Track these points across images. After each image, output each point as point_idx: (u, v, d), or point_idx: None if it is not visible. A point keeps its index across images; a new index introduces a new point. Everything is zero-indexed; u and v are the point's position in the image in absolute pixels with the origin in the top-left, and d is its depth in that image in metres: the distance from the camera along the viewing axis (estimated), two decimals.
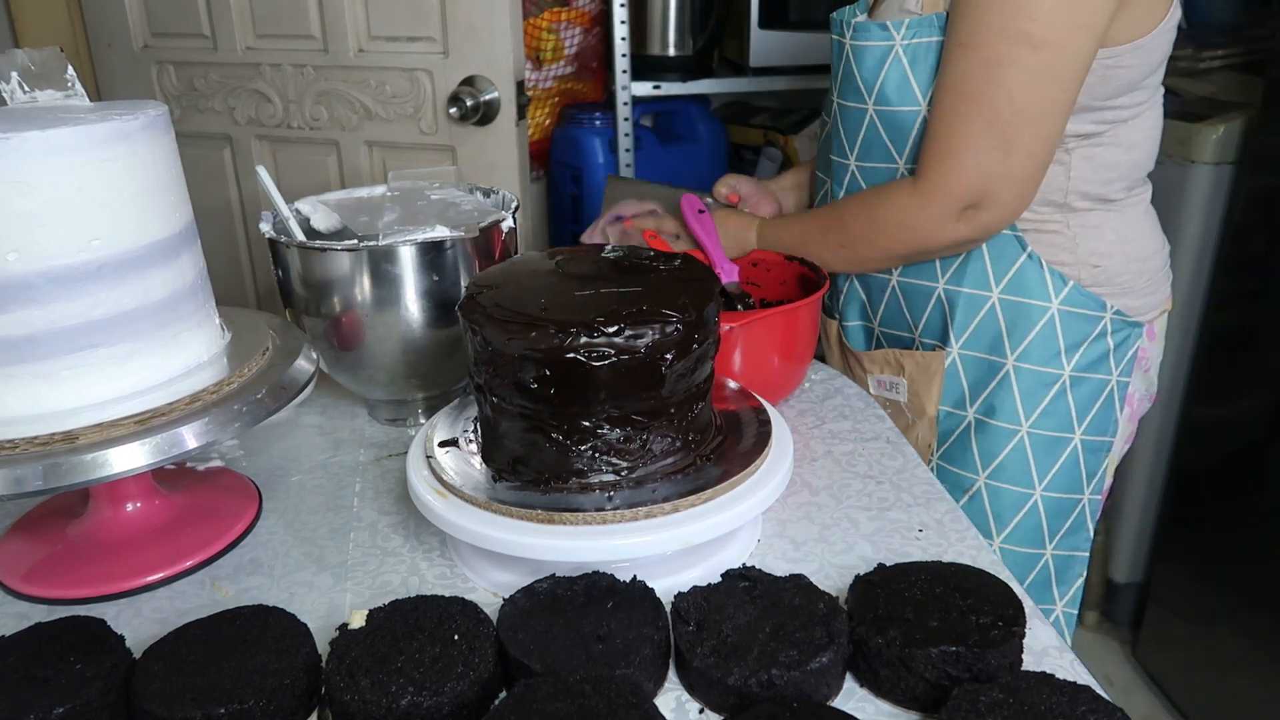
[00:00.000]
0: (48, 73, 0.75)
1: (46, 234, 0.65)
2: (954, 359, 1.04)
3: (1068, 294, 0.99)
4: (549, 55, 1.81)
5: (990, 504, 1.05)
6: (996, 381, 1.02)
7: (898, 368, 1.09)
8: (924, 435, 1.07)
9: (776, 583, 0.65)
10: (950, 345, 1.03)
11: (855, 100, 1.01)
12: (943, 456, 1.07)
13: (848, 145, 1.04)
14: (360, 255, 0.86)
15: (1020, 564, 1.06)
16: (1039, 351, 1.00)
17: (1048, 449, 1.02)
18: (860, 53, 0.98)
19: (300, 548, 0.79)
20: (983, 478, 1.04)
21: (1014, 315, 1.00)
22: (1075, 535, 1.07)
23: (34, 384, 0.67)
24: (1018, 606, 0.62)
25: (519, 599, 0.64)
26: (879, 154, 1.01)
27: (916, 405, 1.07)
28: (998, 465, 1.03)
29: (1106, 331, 1.01)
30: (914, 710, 0.60)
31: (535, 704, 0.54)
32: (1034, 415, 1.02)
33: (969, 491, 1.05)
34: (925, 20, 0.94)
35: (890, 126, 0.98)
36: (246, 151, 1.76)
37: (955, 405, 1.05)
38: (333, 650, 0.60)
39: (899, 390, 1.09)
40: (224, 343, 0.80)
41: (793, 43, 1.88)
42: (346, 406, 1.03)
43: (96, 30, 1.82)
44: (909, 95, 0.96)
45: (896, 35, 0.95)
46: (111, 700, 0.58)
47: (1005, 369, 1.01)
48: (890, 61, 0.96)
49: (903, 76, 0.95)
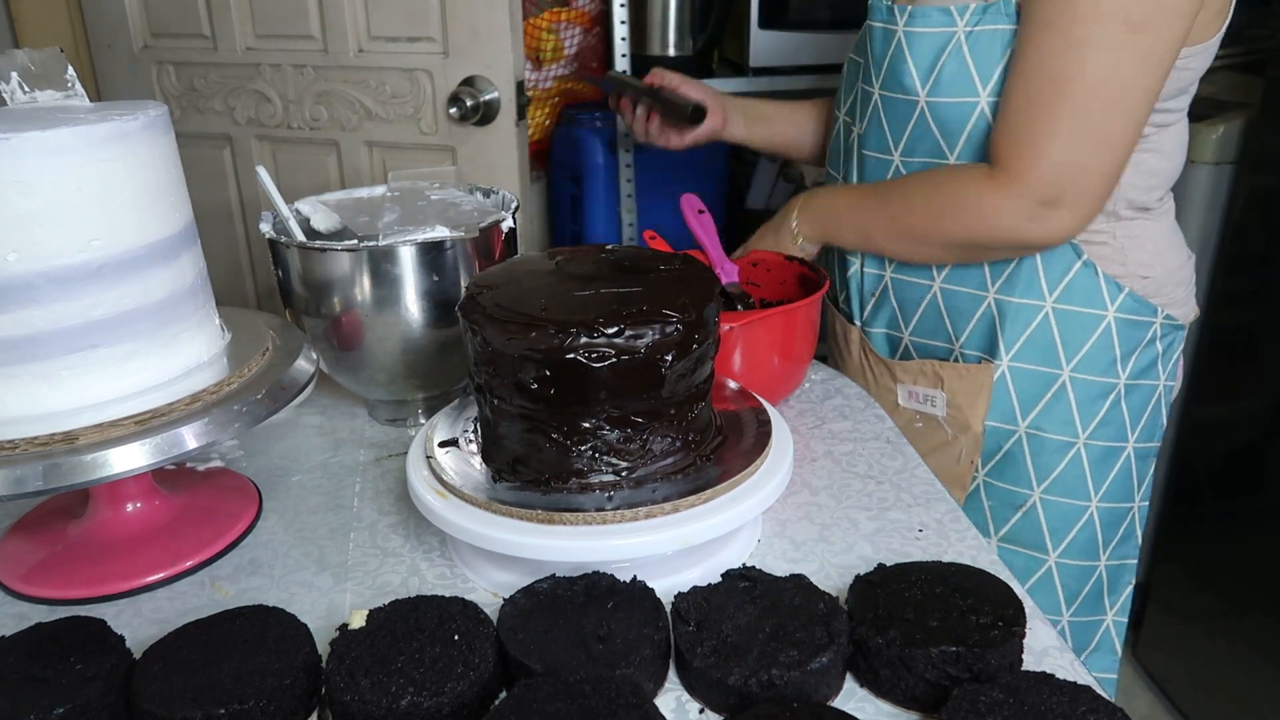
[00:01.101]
0: (48, 73, 0.75)
1: (46, 234, 0.65)
2: (1003, 372, 0.99)
3: (1123, 301, 0.96)
4: (549, 55, 1.81)
5: (1046, 519, 1.01)
6: (1051, 394, 0.98)
7: (935, 379, 1.03)
8: (967, 450, 1.02)
9: (776, 583, 0.65)
10: (999, 357, 0.98)
11: (902, 91, 0.95)
12: (990, 472, 1.03)
13: (892, 139, 0.99)
14: (360, 255, 0.86)
15: (1075, 577, 1.03)
16: (1095, 361, 0.97)
17: (1103, 459, 1.00)
18: (915, 40, 0.92)
19: (300, 548, 0.79)
20: (1038, 493, 1.00)
21: (1069, 325, 0.96)
22: (1126, 544, 1.05)
23: (34, 384, 0.67)
24: (1018, 606, 0.62)
25: (519, 599, 0.64)
26: (927, 148, 0.96)
27: (958, 420, 1.02)
28: (1054, 479, 1.00)
29: (1156, 336, 0.99)
30: (914, 710, 0.60)
31: (535, 704, 0.54)
32: (1090, 426, 0.98)
33: (1022, 507, 1.01)
34: (994, 7, 0.88)
35: (943, 119, 0.93)
36: (246, 152, 1.75)
37: (1004, 420, 1.00)
38: (333, 650, 0.60)
39: (935, 403, 1.03)
40: (224, 343, 0.80)
41: (793, 43, 1.88)
42: (346, 407, 1.03)
43: (96, 30, 1.82)
44: (967, 86, 0.90)
45: (960, 21, 0.89)
46: (111, 700, 0.58)
47: (1060, 381, 0.97)
48: (950, 49, 0.90)
49: (961, 65, 0.90)
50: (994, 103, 0.90)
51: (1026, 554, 1.03)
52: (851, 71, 1.07)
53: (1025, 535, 1.01)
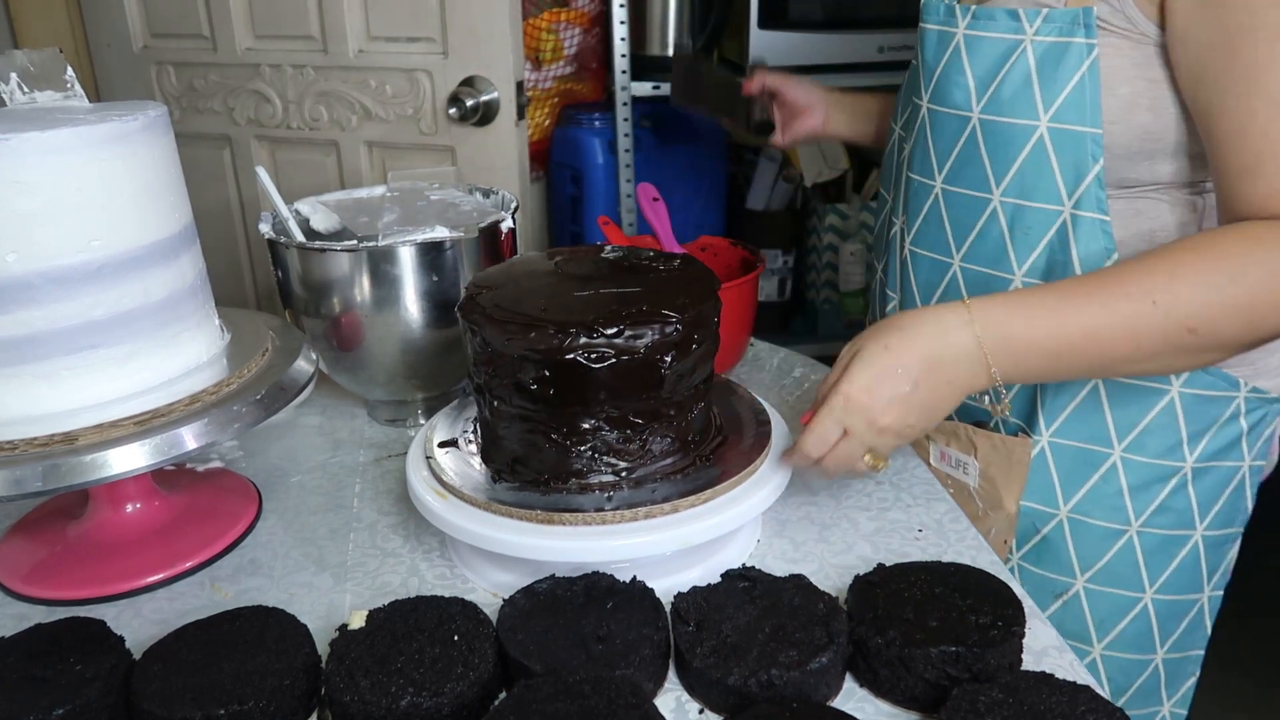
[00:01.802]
0: (47, 73, 0.75)
1: (46, 234, 0.65)
2: (1044, 447, 0.85)
3: (1191, 374, 0.80)
4: (549, 55, 1.81)
5: (1090, 609, 0.88)
6: (1099, 476, 0.84)
7: (968, 445, 0.90)
8: (1000, 530, 0.89)
9: (776, 583, 0.65)
10: (1039, 431, 0.84)
11: (954, 105, 0.82)
12: (1026, 556, 0.89)
13: (936, 162, 0.85)
14: (360, 256, 0.86)
15: (1124, 670, 0.90)
16: (1154, 442, 0.82)
17: (1161, 549, 0.86)
18: (975, 45, 0.80)
19: (300, 548, 0.79)
20: (1080, 582, 0.87)
21: (1123, 399, 0.82)
22: (1192, 635, 0.91)
23: (34, 384, 0.67)
24: (1017, 606, 0.62)
25: (519, 599, 0.64)
26: (972, 178, 0.82)
27: (991, 495, 0.89)
28: (1099, 568, 0.86)
29: (1239, 413, 0.82)
30: (914, 710, 0.60)
31: (535, 704, 0.54)
32: (1145, 514, 0.84)
33: (1062, 596, 0.88)
34: (1069, 15, 0.75)
35: (995, 142, 0.79)
36: (246, 152, 1.75)
37: (1043, 501, 0.86)
38: (332, 651, 0.60)
39: (967, 471, 0.90)
40: (224, 343, 0.80)
41: (792, 43, 1.88)
42: (346, 407, 1.03)
43: (96, 31, 1.82)
44: (1027, 106, 0.77)
45: (1029, 27, 0.76)
46: (111, 701, 0.58)
47: (1110, 461, 0.83)
48: (1015, 59, 0.77)
49: (1025, 80, 0.77)
50: (1055, 129, 0.76)
51: (1069, 645, 0.90)
52: (912, 78, 0.93)
53: (1067, 624, 0.88)
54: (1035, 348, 0.69)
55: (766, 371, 1.10)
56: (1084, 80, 0.75)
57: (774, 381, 1.08)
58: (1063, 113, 0.76)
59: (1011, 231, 0.81)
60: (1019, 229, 0.80)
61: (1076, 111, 0.75)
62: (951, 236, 0.85)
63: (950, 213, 0.84)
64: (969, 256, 0.84)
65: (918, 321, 0.70)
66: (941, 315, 0.70)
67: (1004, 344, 0.69)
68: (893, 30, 1.90)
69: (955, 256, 0.85)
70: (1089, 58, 0.74)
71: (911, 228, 0.89)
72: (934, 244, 0.87)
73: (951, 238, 0.85)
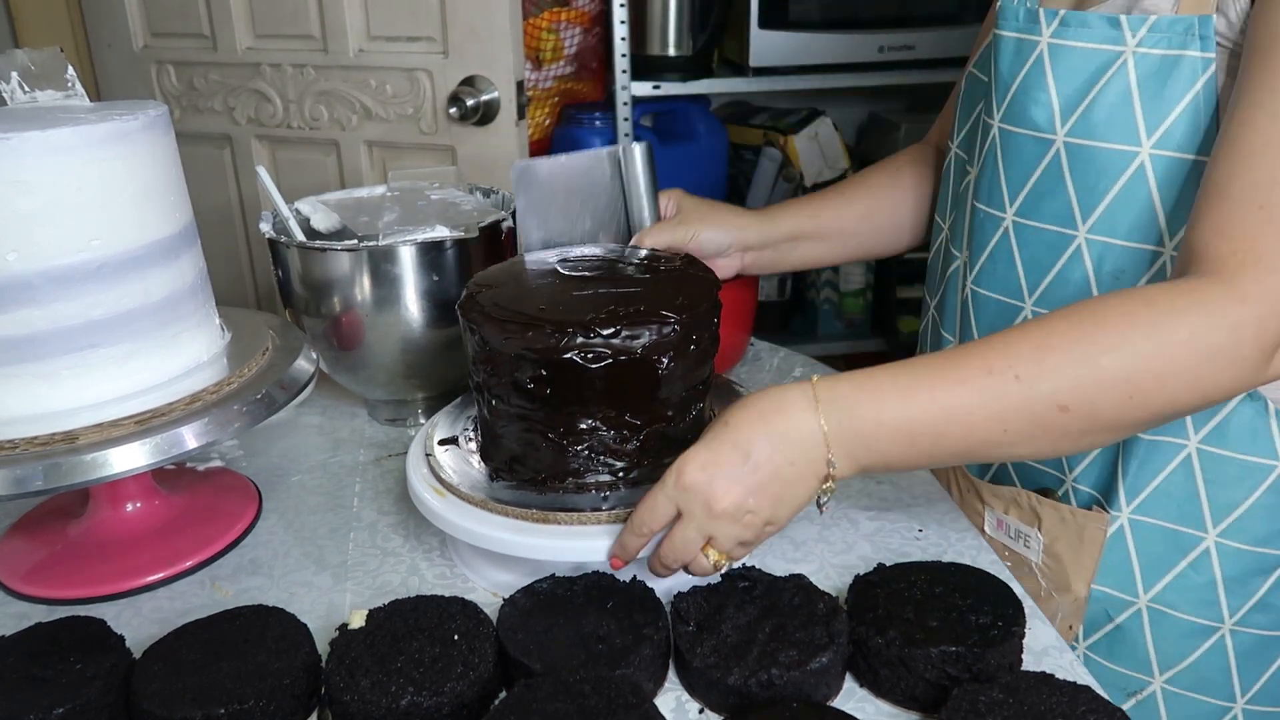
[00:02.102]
0: (48, 73, 0.75)
1: (46, 234, 0.65)
2: (1122, 525, 0.74)
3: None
4: (549, 55, 1.81)
5: (1168, 715, 0.76)
6: (1188, 563, 0.73)
7: (1030, 515, 0.79)
8: (1065, 614, 0.78)
9: (776, 583, 0.65)
10: (1119, 506, 0.74)
11: (1034, 126, 0.71)
12: (1095, 646, 0.78)
13: (1008, 191, 0.74)
14: (360, 255, 0.86)
15: None
16: (1256, 526, 0.71)
17: (1258, 652, 0.74)
18: (1062, 56, 0.69)
19: (300, 548, 0.79)
20: (1159, 682, 0.76)
21: (1221, 475, 0.70)
22: None
23: (34, 384, 0.67)
24: (1017, 606, 0.62)
25: (519, 599, 0.64)
26: (1053, 211, 0.72)
27: (1057, 576, 0.78)
28: (1183, 669, 0.75)
29: None
30: (914, 710, 0.60)
31: (535, 704, 0.54)
32: (1242, 611, 0.73)
33: (1136, 695, 0.77)
34: (1182, 23, 0.64)
35: (1083, 170, 0.69)
36: (246, 151, 1.75)
37: (1120, 588, 0.75)
38: (333, 650, 0.60)
39: (1029, 544, 0.79)
40: (224, 343, 0.80)
41: (793, 43, 1.88)
42: (346, 406, 1.03)
43: (96, 30, 1.82)
44: (1126, 129, 0.67)
45: (1131, 37, 0.66)
46: (111, 700, 0.58)
47: (1204, 546, 0.72)
48: (1112, 74, 0.67)
49: (1124, 98, 0.66)
50: (1160, 157, 0.66)
51: None
52: (973, 91, 0.82)
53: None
54: (885, 429, 0.60)
55: (766, 371, 1.10)
56: (1197, 101, 0.64)
57: (774, 381, 1.08)
58: (1170, 139, 0.66)
59: (1098, 274, 0.70)
60: (1108, 272, 0.70)
61: (1187, 137, 0.65)
62: (1024, 277, 0.75)
63: (1023, 250, 0.74)
64: (1044, 300, 0.74)
65: (762, 398, 0.62)
66: (786, 391, 0.62)
67: (851, 424, 0.60)
68: (893, 30, 1.90)
69: (1027, 300, 0.75)
70: (1204, 74, 0.64)
71: (975, 264, 0.79)
72: (1003, 285, 0.77)
73: (1024, 278, 0.75)
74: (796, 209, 0.93)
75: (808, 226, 0.92)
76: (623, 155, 0.83)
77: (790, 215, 0.92)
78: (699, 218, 0.86)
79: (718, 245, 0.86)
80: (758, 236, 0.89)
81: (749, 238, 0.89)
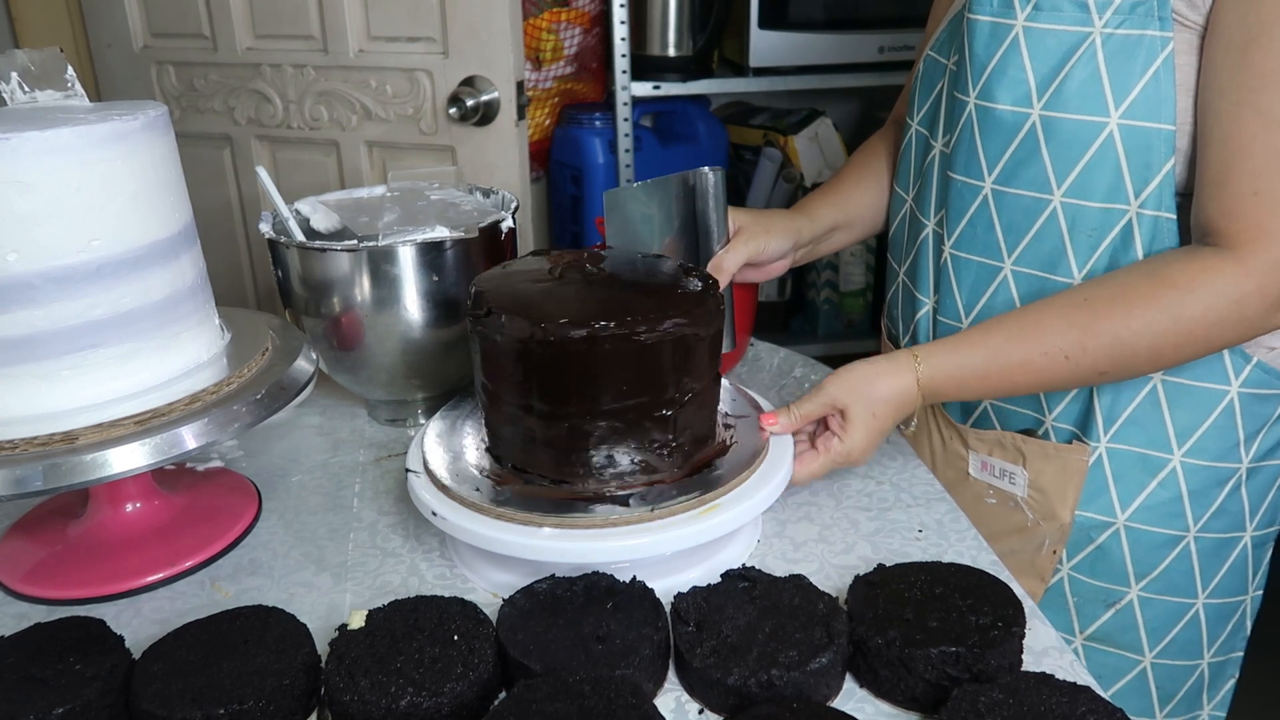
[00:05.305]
0: (48, 73, 0.75)
1: (46, 234, 0.65)
2: (1100, 454, 0.83)
3: (1250, 373, 0.79)
4: (549, 55, 1.81)
5: (1144, 619, 0.87)
6: (1157, 482, 0.83)
7: (1015, 454, 0.88)
8: (1051, 540, 0.87)
9: (776, 583, 0.65)
10: (1096, 438, 0.83)
11: (1010, 102, 0.79)
12: (1078, 566, 0.87)
13: (986, 162, 0.82)
14: (360, 255, 0.86)
15: (1173, 678, 0.89)
16: (1214, 445, 0.81)
17: (1215, 552, 0.85)
18: (1037, 38, 0.76)
19: (300, 548, 0.79)
20: (1135, 590, 0.86)
21: (1183, 402, 0.81)
22: (1234, 638, 0.91)
23: (34, 384, 0.67)
24: (1017, 606, 0.62)
25: (518, 599, 0.64)
26: (1030, 178, 0.79)
27: (1043, 506, 0.87)
28: (1156, 576, 0.85)
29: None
30: (914, 710, 0.60)
31: (535, 704, 0.54)
32: (1203, 518, 0.83)
33: (1115, 605, 0.87)
34: (1143, 6, 0.72)
35: (1060, 141, 0.76)
36: (246, 152, 1.75)
37: (1100, 511, 0.85)
38: (332, 650, 0.60)
39: (1014, 481, 0.88)
40: (224, 343, 0.80)
41: (793, 43, 1.88)
42: (346, 407, 1.03)
43: (96, 30, 1.82)
44: (1097, 102, 0.74)
45: (1098, 19, 0.73)
46: (111, 700, 0.58)
47: (1171, 466, 0.82)
48: (1081, 53, 0.74)
49: (1093, 75, 0.74)
50: (1127, 126, 0.74)
51: (1118, 654, 0.89)
52: (931, 72, 0.90)
53: (1117, 635, 0.88)
54: (969, 390, 0.79)
55: (766, 371, 1.10)
56: (1159, 75, 0.72)
57: (774, 381, 1.08)
58: (1135, 109, 0.74)
59: (1072, 233, 0.78)
60: (1081, 230, 0.78)
61: (1150, 107, 0.73)
62: (1003, 239, 0.82)
63: (1002, 215, 0.82)
64: (1022, 260, 0.82)
65: (890, 390, 0.78)
66: (901, 380, 0.79)
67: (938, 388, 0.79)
68: (893, 30, 1.90)
69: (1006, 260, 0.83)
70: (1163, 51, 0.72)
71: (953, 231, 0.86)
72: (983, 248, 0.84)
73: (1003, 241, 0.82)
74: (829, 202, 1.02)
75: (840, 217, 1.01)
76: (700, 181, 0.90)
77: (827, 209, 1.01)
78: (762, 229, 0.93)
79: (781, 250, 0.94)
80: (809, 235, 0.97)
81: (803, 238, 0.97)
